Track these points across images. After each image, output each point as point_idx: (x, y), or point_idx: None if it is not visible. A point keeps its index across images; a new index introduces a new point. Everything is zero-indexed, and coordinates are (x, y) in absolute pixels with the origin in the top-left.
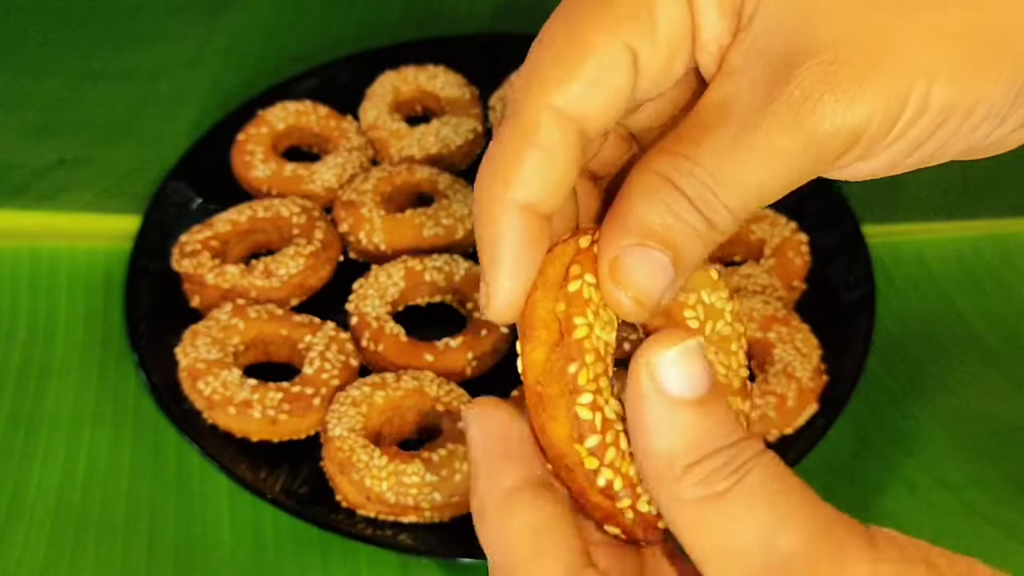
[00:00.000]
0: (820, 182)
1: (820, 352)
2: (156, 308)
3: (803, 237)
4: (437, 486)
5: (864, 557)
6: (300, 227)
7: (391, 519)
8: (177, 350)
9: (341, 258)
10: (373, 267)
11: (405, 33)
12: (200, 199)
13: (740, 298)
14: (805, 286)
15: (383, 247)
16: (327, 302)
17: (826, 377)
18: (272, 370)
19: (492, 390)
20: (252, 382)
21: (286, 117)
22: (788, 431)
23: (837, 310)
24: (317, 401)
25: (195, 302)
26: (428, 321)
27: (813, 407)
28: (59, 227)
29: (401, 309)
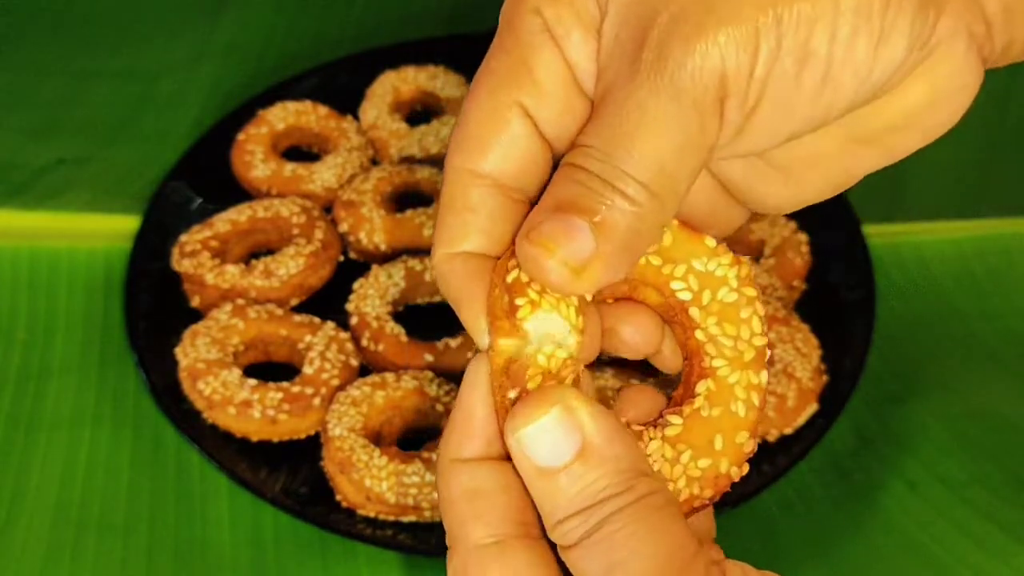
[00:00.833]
0: None
1: (820, 352)
2: (156, 308)
3: (803, 237)
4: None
5: None
6: (300, 227)
7: (391, 519)
8: (177, 350)
9: (341, 258)
10: (373, 267)
11: (406, 33)
12: (200, 199)
13: None
14: (805, 286)
15: (383, 247)
16: (327, 302)
17: (826, 377)
18: (272, 370)
19: None
20: (252, 382)
21: (286, 117)
22: (788, 431)
23: (837, 310)
24: (317, 401)
25: (195, 302)
26: (428, 321)
27: (813, 407)
28: (59, 227)
29: (401, 309)
